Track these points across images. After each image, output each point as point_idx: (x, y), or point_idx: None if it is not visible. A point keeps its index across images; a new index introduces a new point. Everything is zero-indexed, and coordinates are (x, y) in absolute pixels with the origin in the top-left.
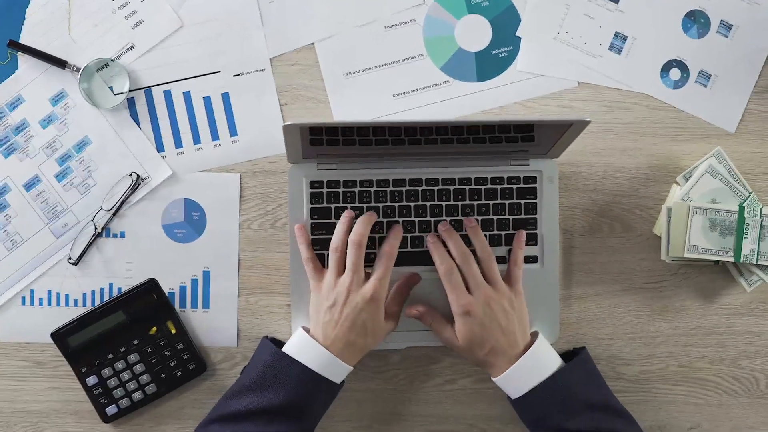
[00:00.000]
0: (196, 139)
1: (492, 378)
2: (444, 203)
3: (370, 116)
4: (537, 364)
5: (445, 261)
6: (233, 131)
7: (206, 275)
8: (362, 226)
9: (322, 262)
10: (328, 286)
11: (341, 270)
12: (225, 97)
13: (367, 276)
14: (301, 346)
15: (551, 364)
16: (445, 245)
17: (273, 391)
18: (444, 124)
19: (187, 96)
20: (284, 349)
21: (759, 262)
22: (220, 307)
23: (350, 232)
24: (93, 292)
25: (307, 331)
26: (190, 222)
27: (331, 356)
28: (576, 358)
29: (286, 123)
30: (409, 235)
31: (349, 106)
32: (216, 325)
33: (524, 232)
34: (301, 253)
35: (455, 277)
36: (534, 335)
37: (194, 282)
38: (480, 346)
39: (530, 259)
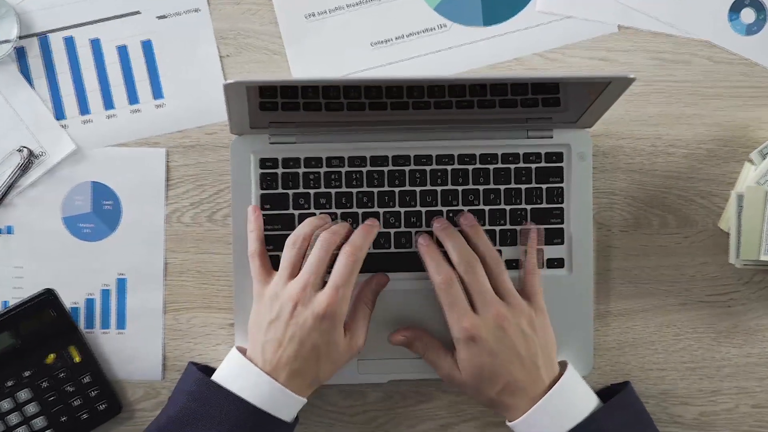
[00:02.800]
0: (108, 103)
1: (507, 422)
2: (439, 188)
3: (341, 72)
4: (567, 405)
5: (442, 270)
6: (157, 92)
7: (121, 284)
8: (344, 227)
9: (275, 264)
10: (273, 294)
11: (295, 273)
12: (146, 46)
13: (323, 285)
14: (235, 372)
15: (585, 405)
16: (442, 249)
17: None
18: (439, 83)
19: (96, 45)
20: (215, 376)
21: None
22: (139, 327)
23: (324, 230)
24: None
25: (244, 352)
26: (99, 213)
27: (275, 385)
28: (617, 396)
29: (229, 81)
30: (392, 231)
31: (313, 59)
32: (135, 352)
33: (535, 227)
34: (249, 245)
35: (455, 292)
36: (562, 365)
37: (105, 294)
38: (491, 382)
39: (554, 264)
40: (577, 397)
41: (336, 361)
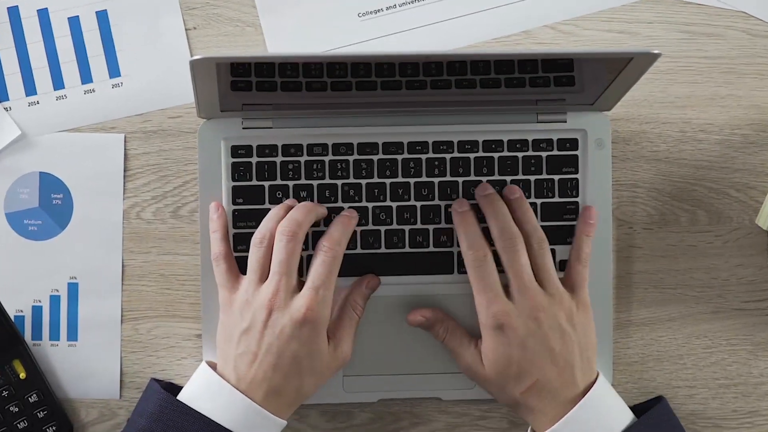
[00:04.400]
0: (58, 83)
1: (531, 430)
2: (436, 180)
3: (324, 47)
4: (600, 416)
5: (476, 244)
6: (114, 70)
7: (73, 290)
8: (299, 211)
9: (243, 267)
10: (243, 301)
11: (265, 275)
12: (101, 17)
13: (301, 286)
14: (204, 390)
15: (619, 418)
16: (480, 219)
17: None
18: (436, 59)
19: (43, 16)
20: (181, 395)
21: None
22: (94, 338)
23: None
24: None
25: (215, 368)
26: (48, 209)
27: (251, 405)
28: (654, 409)
29: (196, 57)
30: (382, 228)
31: (292, 32)
32: (88, 367)
33: (593, 209)
34: (212, 247)
35: (489, 271)
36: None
37: (54, 300)
38: (517, 379)
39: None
40: (611, 408)
41: (319, 374)
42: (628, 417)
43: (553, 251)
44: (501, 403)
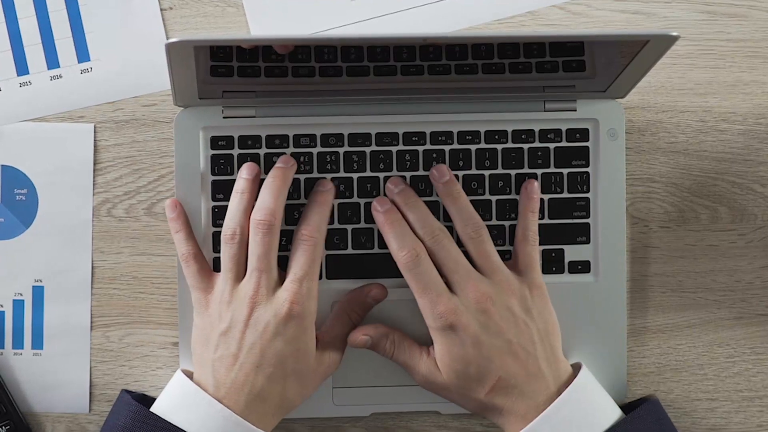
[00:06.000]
0: (21, 68)
1: None
2: None
3: (312, 28)
4: (583, 412)
5: (406, 244)
6: (83, 54)
7: (38, 294)
8: (271, 195)
9: (216, 266)
10: (220, 300)
11: (241, 272)
12: None
13: (283, 279)
14: (180, 401)
15: (605, 414)
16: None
17: None
18: (434, 42)
19: None
20: (155, 407)
21: None
22: (61, 347)
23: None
24: None
25: (191, 376)
26: (10, 205)
27: (231, 415)
28: (642, 406)
29: (172, 40)
30: (376, 226)
31: (277, 12)
32: (55, 378)
33: (536, 182)
34: (178, 248)
35: (425, 269)
36: (575, 368)
37: (18, 305)
38: (478, 380)
39: (578, 268)
40: (595, 404)
41: (306, 379)
42: (615, 413)
43: (561, 251)
44: (468, 410)
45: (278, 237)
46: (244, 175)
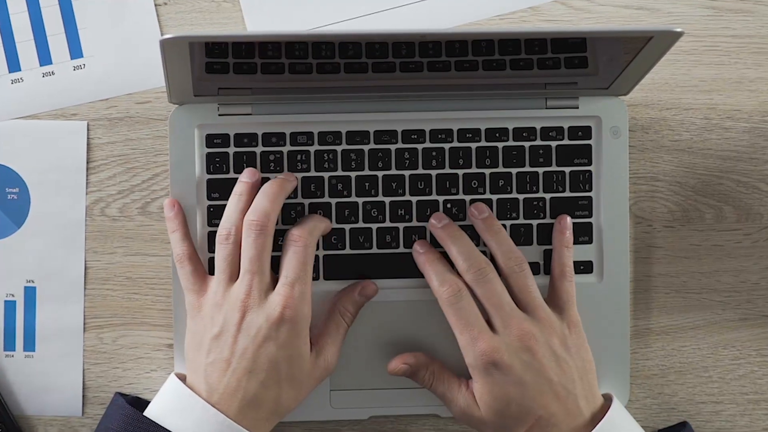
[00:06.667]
0: (13, 64)
1: None
2: (434, 172)
3: (309, 24)
4: None
5: (446, 281)
6: (76, 51)
7: (30, 295)
8: (267, 198)
9: (211, 268)
10: (213, 302)
11: (235, 273)
12: None
13: (275, 282)
14: (173, 405)
15: None
16: (445, 255)
17: None
18: (434, 38)
19: None
20: (148, 411)
21: None
22: (53, 349)
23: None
24: None
25: (184, 379)
26: (2, 204)
27: (224, 420)
28: None
29: (167, 36)
30: (374, 226)
31: (273, 8)
32: (47, 380)
33: (569, 218)
34: (173, 248)
35: (466, 306)
36: (606, 398)
37: (9, 306)
38: (518, 419)
39: (581, 269)
40: None
41: (299, 383)
42: None
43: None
44: None
45: (271, 240)
46: (244, 179)
